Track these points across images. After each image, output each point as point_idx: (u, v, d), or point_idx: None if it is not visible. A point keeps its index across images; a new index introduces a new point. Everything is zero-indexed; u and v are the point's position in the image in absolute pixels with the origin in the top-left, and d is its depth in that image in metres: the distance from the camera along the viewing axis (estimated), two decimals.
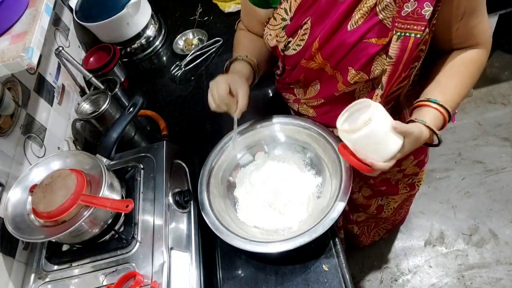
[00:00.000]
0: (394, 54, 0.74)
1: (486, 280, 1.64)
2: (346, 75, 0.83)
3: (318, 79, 0.91)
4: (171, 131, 1.11)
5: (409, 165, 1.19)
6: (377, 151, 0.74)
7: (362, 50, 0.78)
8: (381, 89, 0.81)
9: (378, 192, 1.25)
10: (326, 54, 0.82)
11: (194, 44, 1.40)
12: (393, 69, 0.76)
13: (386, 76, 0.78)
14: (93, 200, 0.75)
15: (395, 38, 0.73)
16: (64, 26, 1.31)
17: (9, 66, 0.76)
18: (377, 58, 0.78)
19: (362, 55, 0.78)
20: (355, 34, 0.76)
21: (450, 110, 0.79)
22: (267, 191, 0.94)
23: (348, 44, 0.78)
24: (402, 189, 1.29)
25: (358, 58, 0.79)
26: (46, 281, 0.82)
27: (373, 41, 0.76)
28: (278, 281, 0.84)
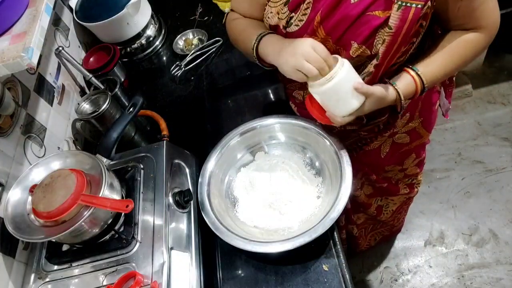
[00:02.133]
0: (394, 24, 0.73)
1: (486, 280, 1.64)
2: (348, 50, 0.80)
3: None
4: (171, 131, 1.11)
5: (410, 164, 1.19)
6: (337, 106, 0.81)
7: (365, 23, 0.75)
8: (376, 59, 0.79)
9: (379, 190, 1.25)
10: (328, 28, 0.79)
11: (194, 44, 1.40)
12: (392, 40, 0.75)
13: (384, 46, 0.76)
14: (93, 200, 0.75)
15: (395, 8, 0.71)
16: (64, 26, 1.31)
17: (9, 66, 0.76)
18: (380, 31, 0.75)
19: (365, 28, 0.76)
20: (358, 6, 0.74)
21: (426, 83, 0.82)
22: (267, 191, 0.94)
23: (351, 16, 0.75)
24: (402, 189, 1.29)
25: (360, 31, 0.77)
26: (46, 281, 0.82)
27: (377, 14, 0.74)
28: (278, 281, 0.84)
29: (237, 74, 1.27)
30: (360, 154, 1.09)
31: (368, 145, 1.06)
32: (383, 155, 1.09)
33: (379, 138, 1.04)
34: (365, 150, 1.07)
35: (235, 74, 1.28)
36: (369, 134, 1.02)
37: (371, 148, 1.07)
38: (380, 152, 1.09)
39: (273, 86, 1.20)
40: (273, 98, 1.18)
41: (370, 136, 1.03)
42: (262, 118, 1.02)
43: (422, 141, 1.13)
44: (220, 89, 1.26)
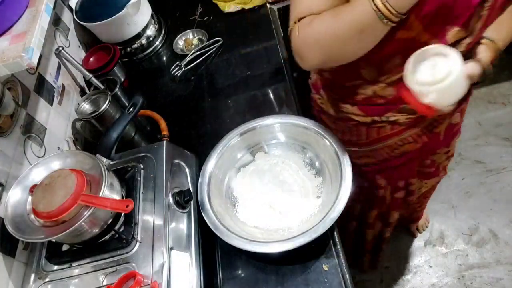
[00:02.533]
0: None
1: (486, 280, 1.64)
2: (443, 37, 0.75)
3: (401, 55, 0.78)
4: (171, 131, 1.11)
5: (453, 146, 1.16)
6: (449, 98, 0.74)
7: (465, 2, 0.71)
8: (470, 36, 0.75)
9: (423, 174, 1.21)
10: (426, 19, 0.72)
11: (194, 44, 1.40)
12: (489, 13, 0.72)
13: (481, 22, 0.73)
14: (93, 200, 0.75)
15: None
16: (64, 26, 1.31)
17: (9, 66, 0.76)
18: (477, 9, 0.72)
19: (464, 10, 0.72)
20: None
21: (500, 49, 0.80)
22: (267, 191, 0.94)
23: (450, 1, 0.70)
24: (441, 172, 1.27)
25: (459, 13, 0.72)
26: (46, 281, 0.82)
27: None
28: (278, 281, 0.84)
29: (237, 74, 1.27)
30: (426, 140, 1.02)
31: (436, 127, 1.00)
32: (441, 137, 1.06)
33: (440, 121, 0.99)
34: (429, 135, 1.01)
35: (235, 74, 1.28)
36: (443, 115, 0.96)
37: (435, 132, 1.01)
38: (440, 135, 1.04)
39: (273, 86, 1.20)
40: (273, 98, 1.18)
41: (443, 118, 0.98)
42: (262, 118, 1.02)
43: (462, 119, 1.10)
44: (220, 89, 1.26)
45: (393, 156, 1.06)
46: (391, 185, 1.18)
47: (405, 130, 0.97)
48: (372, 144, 1.04)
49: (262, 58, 1.28)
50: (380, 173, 1.14)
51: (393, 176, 1.15)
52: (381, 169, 1.12)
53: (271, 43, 1.31)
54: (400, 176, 1.15)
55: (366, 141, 1.04)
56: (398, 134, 0.99)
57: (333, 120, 1.07)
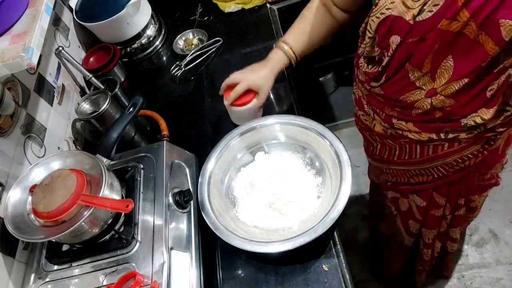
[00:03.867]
0: None
1: (486, 280, 1.64)
2: (497, 32, 0.65)
3: (451, 53, 0.72)
4: (171, 131, 1.11)
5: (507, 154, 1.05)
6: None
7: None
8: None
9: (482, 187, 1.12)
10: (475, 8, 0.64)
11: (194, 44, 1.40)
12: None
13: None
14: (93, 200, 0.75)
15: None
16: (64, 26, 1.32)
17: (9, 66, 0.76)
18: None
19: None
20: None
21: None
22: (267, 191, 0.94)
23: None
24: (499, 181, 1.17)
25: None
26: (46, 281, 0.82)
27: None
28: (278, 281, 0.84)
29: None
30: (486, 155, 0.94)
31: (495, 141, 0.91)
32: (500, 151, 0.97)
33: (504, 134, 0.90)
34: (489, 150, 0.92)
35: None
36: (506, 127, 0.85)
37: (495, 146, 0.93)
38: (499, 149, 0.96)
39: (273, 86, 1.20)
40: (273, 98, 1.18)
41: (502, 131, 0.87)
42: (262, 118, 1.02)
43: None
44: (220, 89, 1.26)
45: (452, 172, 0.98)
46: (451, 202, 1.10)
47: (465, 149, 0.89)
48: (426, 162, 0.97)
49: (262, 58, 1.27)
50: (438, 190, 1.06)
51: (452, 193, 1.07)
52: (438, 186, 1.04)
53: (271, 43, 1.31)
54: (459, 193, 1.08)
55: (420, 160, 0.97)
56: (457, 152, 0.91)
57: (379, 137, 1.00)
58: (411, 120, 0.88)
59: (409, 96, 0.83)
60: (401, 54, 0.78)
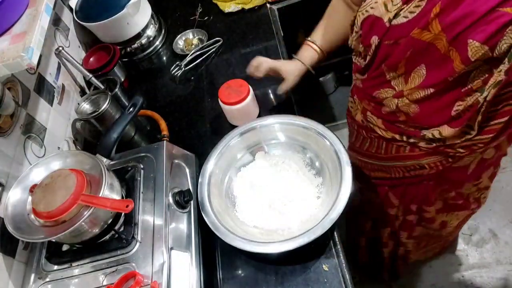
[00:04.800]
0: None
1: (486, 280, 1.64)
2: (465, 51, 0.69)
3: (424, 62, 0.76)
4: (171, 131, 1.11)
5: (485, 178, 1.11)
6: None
7: (492, 20, 0.65)
8: (508, 61, 0.67)
9: (451, 206, 1.17)
10: (446, 23, 0.68)
11: (194, 44, 1.40)
12: None
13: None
14: (93, 200, 0.75)
15: None
16: (64, 26, 1.31)
17: (9, 66, 0.76)
18: (509, 29, 0.64)
19: (491, 26, 0.65)
20: (489, 2, 0.64)
21: None
22: (267, 191, 0.94)
23: (478, 13, 0.65)
24: (472, 204, 1.22)
25: (484, 28, 0.65)
26: (46, 281, 0.82)
27: (508, 10, 0.63)
28: (278, 281, 0.84)
29: (237, 74, 1.27)
30: (446, 169, 0.98)
31: (458, 161, 0.96)
32: (470, 171, 1.01)
33: (471, 155, 0.94)
34: (453, 167, 0.97)
35: (235, 74, 1.28)
36: (467, 152, 0.90)
37: (461, 164, 0.97)
38: (468, 169, 1.00)
39: (273, 86, 1.20)
40: (273, 98, 1.18)
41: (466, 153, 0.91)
42: (262, 118, 1.02)
43: (502, 152, 1.04)
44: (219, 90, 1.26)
45: (408, 177, 1.04)
46: (403, 205, 1.15)
47: (424, 156, 0.94)
48: (389, 160, 1.03)
49: None
50: (393, 190, 1.11)
51: (406, 196, 1.12)
52: (394, 185, 1.10)
53: (271, 43, 1.31)
54: (412, 198, 1.12)
55: (384, 156, 1.03)
56: (416, 158, 0.97)
57: (357, 127, 1.07)
58: (381, 117, 0.95)
59: (382, 93, 0.88)
60: (379, 55, 0.82)
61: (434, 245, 1.51)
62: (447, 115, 0.81)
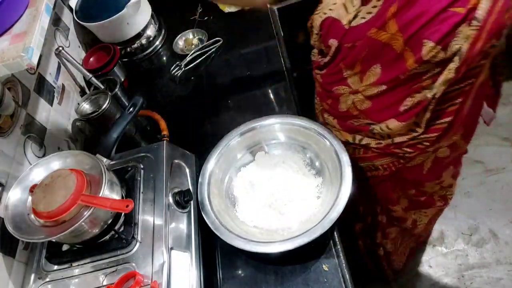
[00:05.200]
0: (482, 16, 0.66)
1: (486, 280, 1.64)
2: (419, 51, 0.72)
3: (380, 62, 0.80)
4: (171, 131, 1.11)
5: (447, 177, 1.14)
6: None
7: (444, 20, 0.68)
8: (458, 60, 0.71)
9: (416, 203, 1.20)
10: (402, 23, 0.71)
11: (194, 44, 1.40)
12: (477, 35, 0.67)
13: (468, 43, 0.68)
14: (93, 200, 0.75)
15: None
16: (64, 26, 1.31)
17: (9, 66, 0.76)
18: (460, 30, 0.68)
19: (444, 25, 0.68)
20: (442, 1, 0.67)
21: None
22: (267, 191, 0.94)
23: (430, 12, 0.68)
24: (437, 202, 1.25)
25: (437, 28, 0.69)
26: (46, 281, 0.82)
27: (458, 10, 0.67)
28: (278, 281, 0.84)
29: (237, 74, 1.27)
30: (401, 169, 1.02)
31: (411, 161, 0.99)
32: (425, 171, 1.04)
33: (423, 154, 0.98)
34: (407, 167, 1.01)
35: (235, 74, 1.28)
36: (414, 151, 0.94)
37: (414, 163, 1.01)
38: (423, 168, 1.03)
39: (273, 86, 1.20)
40: (273, 98, 1.18)
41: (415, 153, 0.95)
42: (262, 118, 1.02)
43: (460, 151, 1.07)
44: (220, 89, 1.26)
45: (365, 178, 1.07)
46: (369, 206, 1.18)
47: (376, 158, 0.97)
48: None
49: (262, 58, 1.28)
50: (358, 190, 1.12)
51: (370, 198, 1.15)
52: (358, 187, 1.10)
53: (271, 43, 1.31)
54: (375, 199, 1.15)
55: None
56: (370, 160, 1.01)
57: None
58: (336, 117, 1.00)
59: (339, 89, 0.92)
60: (339, 56, 0.86)
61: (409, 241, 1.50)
62: (396, 110, 0.85)
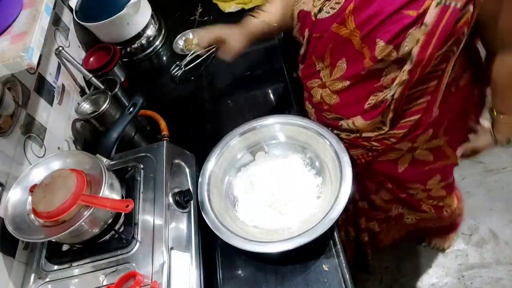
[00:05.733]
0: (430, 22, 0.69)
1: (486, 280, 1.64)
2: (374, 49, 0.77)
3: (345, 57, 0.84)
4: (171, 131, 1.11)
5: (435, 186, 1.14)
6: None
7: (396, 21, 0.72)
8: (410, 62, 0.75)
9: (398, 199, 1.20)
10: (359, 21, 0.75)
11: (194, 44, 1.40)
12: (427, 39, 0.70)
13: (418, 47, 0.72)
14: (93, 200, 0.75)
15: (434, 4, 0.68)
16: (64, 26, 1.31)
17: (9, 66, 0.76)
18: (410, 32, 0.72)
19: (394, 26, 0.72)
20: (396, 3, 0.71)
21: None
22: (267, 191, 0.94)
23: (385, 12, 0.72)
24: (426, 208, 1.24)
25: (389, 29, 0.73)
26: (46, 281, 0.82)
27: (410, 13, 0.70)
28: (278, 281, 0.84)
29: (237, 74, 1.27)
30: (373, 161, 1.04)
31: (381, 156, 1.02)
32: (401, 169, 1.06)
33: (395, 151, 1.00)
34: (379, 160, 1.03)
35: (235, 74, 1.28)
36: (381, 145, 0.97)
37: (386, 158, 1.03)
38: (398, 165, 1.05)
39: (273, 86, 1.20)
40: (273, 98, 1.18)
41: (382, 148, 0.98)
42: (262, 118, 1.02)
43: (448, 161, 1.07)
44: (220, 89, 1.26)
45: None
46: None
47: (350, 149, 0.97)
48: None
49: (262, 58, 1.28)
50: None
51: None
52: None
53: (271, 43, 1.31)
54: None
55: None
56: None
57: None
58: (314, 107, 1.04)
59: (312, 83, 0.97)
60: (310, 46, 0.90)
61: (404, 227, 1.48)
62: (361, 107, 0.89)
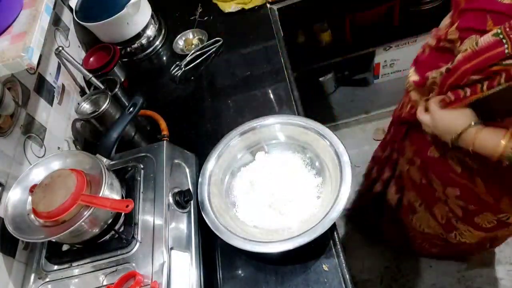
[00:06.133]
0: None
1: (486, 280, 1.64)
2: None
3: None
4: (171, 131, 1.11)
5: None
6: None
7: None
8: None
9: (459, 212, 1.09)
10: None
11: (194, 44, 1.40)
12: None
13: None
14: (93, 200, 0.75)
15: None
16: (64, 26, 1.32)
17: (9, 66, 0.76)
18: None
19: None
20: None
21: None
22: (267, 191, 0.94)
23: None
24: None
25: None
26: (46, 281, 0.82)
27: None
28: (278, 281, 0.84)
29: (237, 74, 1.27)
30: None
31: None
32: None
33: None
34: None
35: (235, 74, 1.28)
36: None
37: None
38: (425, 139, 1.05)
39: (273, 86, 1.20)
40: (273, 98, 1.18)
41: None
42: (262, 118, 1.02)
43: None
44: (220, 89, 1.26)
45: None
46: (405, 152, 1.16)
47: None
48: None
49: (262, 58, 1.28)
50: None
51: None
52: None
53: (271, 43, 1.31)
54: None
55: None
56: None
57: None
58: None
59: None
60: None
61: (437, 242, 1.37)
62: None
